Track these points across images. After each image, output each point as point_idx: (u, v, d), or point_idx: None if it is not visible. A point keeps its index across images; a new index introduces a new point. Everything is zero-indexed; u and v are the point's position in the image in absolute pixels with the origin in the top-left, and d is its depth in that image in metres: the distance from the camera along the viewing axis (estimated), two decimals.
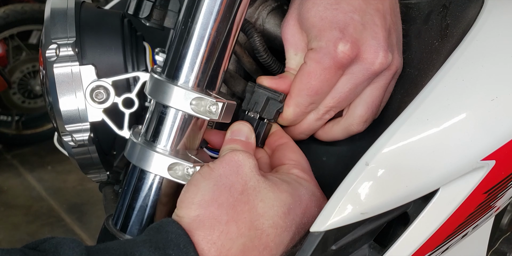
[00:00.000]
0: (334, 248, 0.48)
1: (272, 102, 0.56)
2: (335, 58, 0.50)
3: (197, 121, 0.51)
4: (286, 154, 0.55)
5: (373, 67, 0.51)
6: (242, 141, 0.53)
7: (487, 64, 0.48)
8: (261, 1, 0.64)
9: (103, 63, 0.55)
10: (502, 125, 0.47)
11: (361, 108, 0.55)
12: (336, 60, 0.50)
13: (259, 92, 0.56)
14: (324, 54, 0.51)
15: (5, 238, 2.27)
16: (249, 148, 0.53)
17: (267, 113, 0.56)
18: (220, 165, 0.48)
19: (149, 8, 0.54)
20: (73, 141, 0.55)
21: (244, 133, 0.54)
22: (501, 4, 0.52)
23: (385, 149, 0.46)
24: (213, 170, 0.48)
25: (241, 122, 0.55)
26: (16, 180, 2.67)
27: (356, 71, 0.52)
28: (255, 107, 0.56)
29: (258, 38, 0.58)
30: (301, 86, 0.53)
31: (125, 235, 0.52)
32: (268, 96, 0.56)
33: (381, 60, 0.51)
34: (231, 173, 0.47)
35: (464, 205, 0.50)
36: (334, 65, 0.51)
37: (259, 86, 0.57)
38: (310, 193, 0.51)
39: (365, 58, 0.51)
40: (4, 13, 2.54)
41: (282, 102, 0.56)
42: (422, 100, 0.47)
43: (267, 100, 0.56)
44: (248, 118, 0.57)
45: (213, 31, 0.48)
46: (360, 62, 0.51)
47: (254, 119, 0.56)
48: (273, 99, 0.56)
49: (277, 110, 0.56)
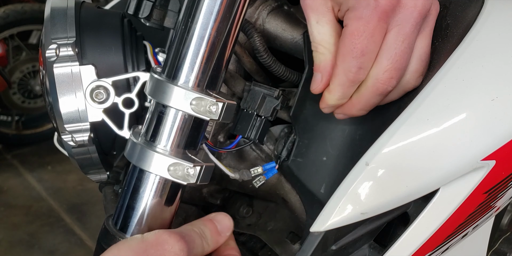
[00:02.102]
0: (334, 248, 0.48)
1: (269, 99, 0.56)
2: (377, 9, 0.46)
3: (197, 121, 0.51)
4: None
5: (417, 11, 0.48)
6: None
7: (487, 64, 0.48)
8: (261, 1, 0.64)
9: (103, 63, 0.55)
10: (502, 125, 0.47)
11: (415, 62, 0.51)
12: (378, 10, 0.46)
13: (255, 89, 0.57)
14: (364, 7, 0.47)
15: (5, 238, 2.27)
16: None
17: (264, 111, 0.56)
18: (154, 241, 0.47)
19: (149, 8, 0.54)
20: (73, 141, 0.55)
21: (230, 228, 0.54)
22: (501, 4, 0.52)
23: (385, 149, 0.46)
24: (145, 242, 0.47)
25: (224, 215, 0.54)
26: (16, 180, 2.67)
27: (401, 20, 0.48)
28: (252, 105, 0.56)
29: (258, 38, 0.58)
30: (344, 50, 0.49)
31: (125, 235, 0.52)
32: (264, 93, 0.56)
33: (423, 1, 0.48)
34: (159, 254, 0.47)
35: (464, 205, 0.50)
36: (378, 17, 0.47)
37: (255, 84, 0.57)
38: None
39: (406, 3, 0.47)
40: (4, 13, 2.54)
41: (278, 99, 0.55)
42: (422, 100, 0.47)
43: (263, 98, 0.56)
44: (246, 115, 0.56)
45: (213, 31, 0.48)
46: (403, 9, 0.48)
47: (251, 116, 0.56)
48: (269, 95, 0.56)
49: (274, 107, 0.56)
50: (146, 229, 0.52)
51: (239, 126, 0.58)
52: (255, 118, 0.56)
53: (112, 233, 0.52)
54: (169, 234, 0.48)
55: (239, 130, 0.58)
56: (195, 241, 0.50)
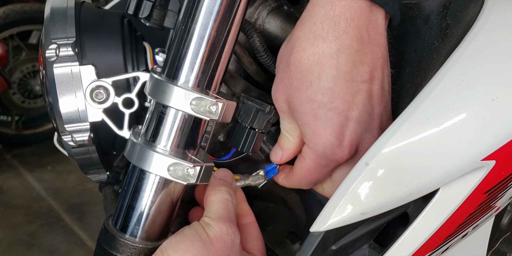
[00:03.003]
0: (334, 248, 0.48)
1: (262, 113, 0.57)
2: (334, 161, 0.51)
3: (197, 121, 0.51)
4: (251, 241, 0.57)
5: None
6: (228, 184, 0.56)
7: (487, 64, 0.48)
8: (261, 1, 0.64)
9: (103, 63, 0.55)
10: (502, 125, 0.47)
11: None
12: (335, 161, 0.52)
13: (248, 104, 0.58)
14: (322, 157, 0.51)
15: (5, 238, 2.27)
16: (233, 192, 0.56)
17: (257, 124, 0.58)
18: (216, 237, 0.50)
19: (149, 8, 0.54)
20: (73, 141, 0.55)
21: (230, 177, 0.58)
22: (501, 4, 0.52)
23: (385, 149, 0.45)
24: (212, 243, 0.50)
25: (225, 169, 0.58)
26: (16, 180, 2.67)
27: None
28: (245, 119, 0.57)
29: (258, 38, 0.58)
30: (301, 178, 0.56)
31: (125, 235, 0.52)
32: (256, 108, 0.57)
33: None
34: (222, 248, 0.50)
35: (464, 205, 0.50)
36: (333, 164, 0.52)
37: (248, 98, 0.58)
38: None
39: (363, 152, 0.50)
40: (4, 13, 2.54)
41: (270, 113, 0.57)
42: (422, 100, 0.47)
43: (256, 112, 0.57)
44: (240, 128, 0.58)
45: (213, 31, 0.48)
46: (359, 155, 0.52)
47: (245, 129, 0.57)
48: (261, 110, 0.57)
49: (267, 120, 0.57)
50: (146, 229, 0.52)
51: (233, 139, 0.60)
52: (248, 131, 0.58)
53: (112, 233, 0.52)
54: (228, 225, 0.51)
55: (233, 143, 0.60)
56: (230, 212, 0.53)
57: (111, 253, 0.51)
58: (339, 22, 0.47)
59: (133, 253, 0.51)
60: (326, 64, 0.47)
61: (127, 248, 0.51)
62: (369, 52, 0.49)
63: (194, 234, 0.50)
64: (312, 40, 0.48)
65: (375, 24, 0.49)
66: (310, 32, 0.48)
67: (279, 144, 0.57)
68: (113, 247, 0.51)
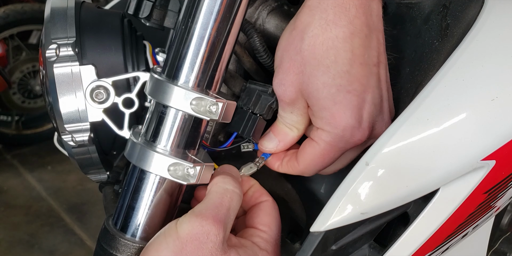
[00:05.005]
0: (334, 248, 0.48)
1: (264, 97, 0.56)
2: (351, 143, 0.51)
3: (197, 121, 0.51)
4: (260, 216, 0.55)
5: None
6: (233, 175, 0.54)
7: (487, 64, 0.48)
8: (261, 1, 0.64)
9: (103, 63, 0.55)
10: (502, 125, 0.47)
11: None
12: (352, 144, 0.52)
13: (250, 87, 0.57)
14: (340, 140, 0.51)
15: (5, 238, 2.27)
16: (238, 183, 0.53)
17: (259, 108, 0.56)
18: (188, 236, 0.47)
19: (149, 8, 0.54)
20: (73, 141, 0.55)
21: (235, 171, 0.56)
22: (501, 4, 0.52)
23: (385, 149, 0.45)
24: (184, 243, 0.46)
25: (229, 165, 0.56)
26: (16, 180, 2.67)
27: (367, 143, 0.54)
28: (247, 103, 0.56)
29: (258, 38, 0.58)
30: (309, 164, 0.54)
31: (125, 235, 0.52)
32: (258, 90, 0.56)
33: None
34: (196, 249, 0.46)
35: (464, 205, 0.50)
36: (349, 147, 0.52)
37: (251, 82, 0.57)
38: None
39: (376, 134, 0.52)
40: (4, 13, 2.54)
41: (272, 96, 0.55)
42: (422, 100, 0.47)
43: (258, 95, 0.56)
44: (241, 112, 0.56)
45: (213, 31, 0.48)
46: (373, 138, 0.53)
47: (246, 113, 0.56)
48: (263, 92, 0.56)
49: (269, 104, 0.56)
50: (146, 229, 0.52)
51: (234, 123, 0.58)
52: (250, 115, 0.56)
53: (112, 233, 0.52)
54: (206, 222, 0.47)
55: (234, 127, 0.58)
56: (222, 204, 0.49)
57: (111, 253, 0.51)
58: (349, 8, 0.48)
59: (133, 253, 0.51)
60: (341, 48, 0.48)
61: (127, 248, 0.51)
62: (375, 37, 0.50)
63: (164, 234, 0.48)
64: (325, 26, 0.48)
65: (376, 11, 0.50)
66: (321, 18, 0.49)
67: (275, 134, 0.56)
68: (113, 247, 0.51)
